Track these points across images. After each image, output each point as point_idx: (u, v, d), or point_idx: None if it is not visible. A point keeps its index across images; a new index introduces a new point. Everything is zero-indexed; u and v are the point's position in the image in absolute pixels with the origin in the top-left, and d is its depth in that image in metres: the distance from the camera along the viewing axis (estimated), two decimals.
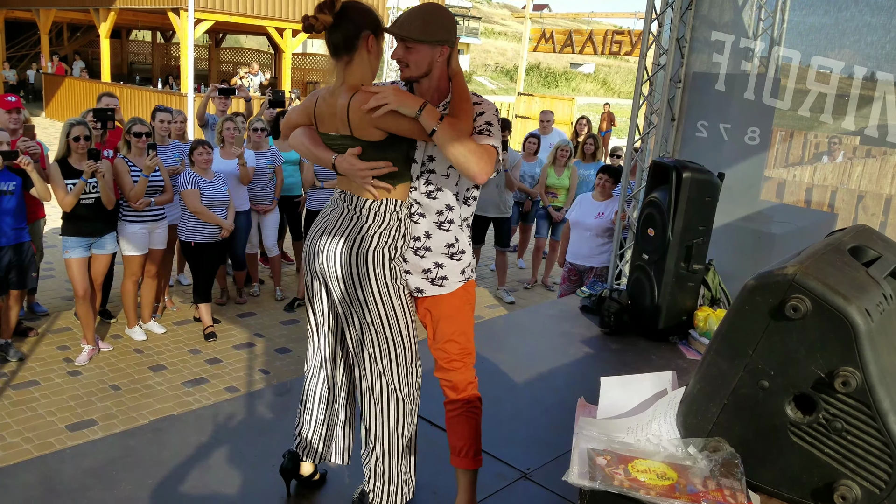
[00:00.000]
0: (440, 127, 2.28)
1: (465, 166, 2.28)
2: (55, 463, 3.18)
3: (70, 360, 5.46)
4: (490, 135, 2.40)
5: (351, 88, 2.40)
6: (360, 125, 2.38)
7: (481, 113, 2.45)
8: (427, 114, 2.31)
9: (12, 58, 24.57)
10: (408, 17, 2.42)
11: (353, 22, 2.38)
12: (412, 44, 2.39)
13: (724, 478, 1.54)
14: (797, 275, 1.47)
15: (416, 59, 2.40)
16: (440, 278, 2.59)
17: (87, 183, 5.23)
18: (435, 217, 2.54)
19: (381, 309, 2.50)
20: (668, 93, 6.04)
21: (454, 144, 2.27)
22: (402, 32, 2.39)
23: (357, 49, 2.40)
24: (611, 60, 47.21)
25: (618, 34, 20.45)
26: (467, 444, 2.69)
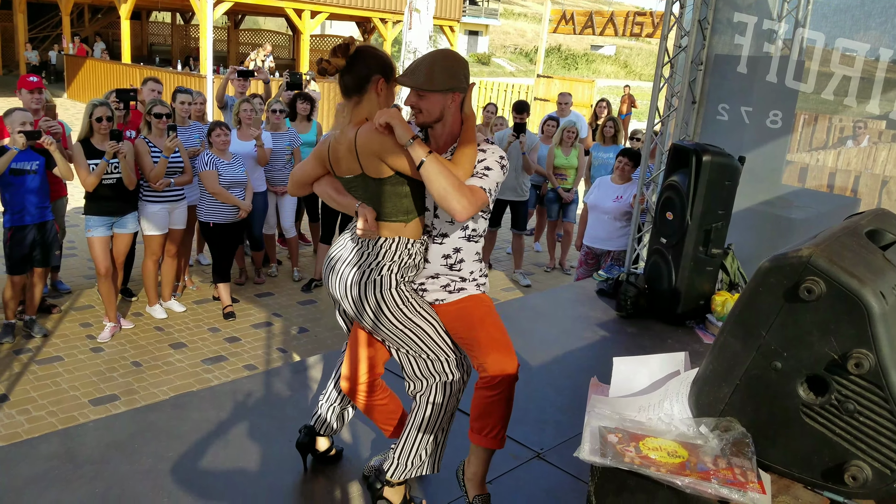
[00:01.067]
0: (428, 160, 2.33)
1: (444, 201, 2.33)
2: (78, 435, 3.25)
3: (92, 337, 5.55)
4: (483, 177, 2.46)
5: (358, 124, 2.48)
6: (367, 160, 2.45)
7: (483, 159, 2.51)
8: (418, 145, 2.36)
9: (34, 39, 24.75)
10: (418, 67, 2.48)
11: (364, 65, 2.47)
12: (423, 92, 2.45)
13: (734, 457, 1.56)
14: (812, 257, 1.47)
15: (428, 107, 2.48)
16: (458, 289, 2.68)
17: (109, 163, 5.29)
18: (442, 261, 2.62)
19: (399, 326, 2.58)
20: (690, 75, 5.99)
21: (438, 178, 2.32)
22: (412, 83, 2.45)
23: (367, 91, 2.49)
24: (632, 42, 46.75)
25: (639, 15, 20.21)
26: (497, 426, 2.69)
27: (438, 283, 2.66)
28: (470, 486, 2.79)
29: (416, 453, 2.69)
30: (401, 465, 2.70)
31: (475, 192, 2.38)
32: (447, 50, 2.60)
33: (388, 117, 2.38)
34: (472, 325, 2.65)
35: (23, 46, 22.04)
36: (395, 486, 2.75)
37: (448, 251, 2.62)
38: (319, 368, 4.06)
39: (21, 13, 21.84)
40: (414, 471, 2.71)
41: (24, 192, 5.14)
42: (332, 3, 18.92)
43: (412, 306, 2.58)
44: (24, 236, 5.18)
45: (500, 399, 2.65)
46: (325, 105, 15.71)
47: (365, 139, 2.43)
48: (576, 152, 7.89)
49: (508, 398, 2.68)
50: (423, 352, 2.61)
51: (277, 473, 3.02)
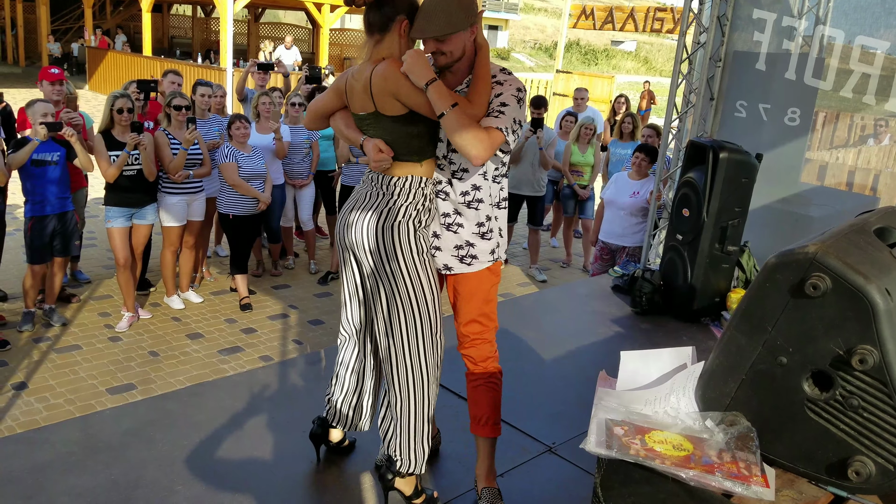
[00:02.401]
0: (449, 113, 2.33)
1: (462, 149, 2.34)
2: (96, 422, 3.31)
3: (111, 327, 5.63)
4: (499, 116, 2.43)
5: (376, 62, 2.48)
6: (381, 98, 2.45)
7: (499, 94, 2.49)
8: (436, 92, 2.35)
9: (57, 31, 25.01)
10: (431, 12, 2.45)
11: (391, 4, 2.46)
12: (444, 36, 2.44)
13: (739, 451, 1.57)
14: (818, 253, 1.47)
15: (451, 48, 2.47)
16: (469, 257, 2.66)
17: (130, 155, 5.36)
18: (460, 198, 2.60)
19: (407, 281, 2.56)
20: (708, 72, 5.97)
21: (457, 130, 2.32)
22: (433, 34, 2.43)
23: (390, 30, 2.48)
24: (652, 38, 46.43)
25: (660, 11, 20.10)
26: (487, 413, 2.78)
27: (452, 240, 2.63)
28: (478, 479, 2.82)
29: (419, 443, 2.71)
30: (405, 457, 2.72)
31: (491, 135, 2.36)
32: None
33: (407, 66, 2.38)
34: (466, 308, 2.69)
35: (45, 38, 22.27)
36: (407, 477, 2.77)
37: (466, 188, 2.60)
38: (334, 360, 4.09)
39: (44, 5, 22.06)
40: (422, 461, 2.73)
41: (46, 182, 5.21)
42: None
43: (425, 262, 2.58)
44: (44, 226, 5.26)
45: (482, 386, 2.74)
46: None
47: (381, 78, 2.42)
48: (592, 149, 7.88)
49: (490, 385, 2.74)
50: (413, 310, 2.58)
51: (291, 463, 3.06)
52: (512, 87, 2.51)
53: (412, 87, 2.40)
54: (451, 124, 2.33)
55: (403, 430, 2.69)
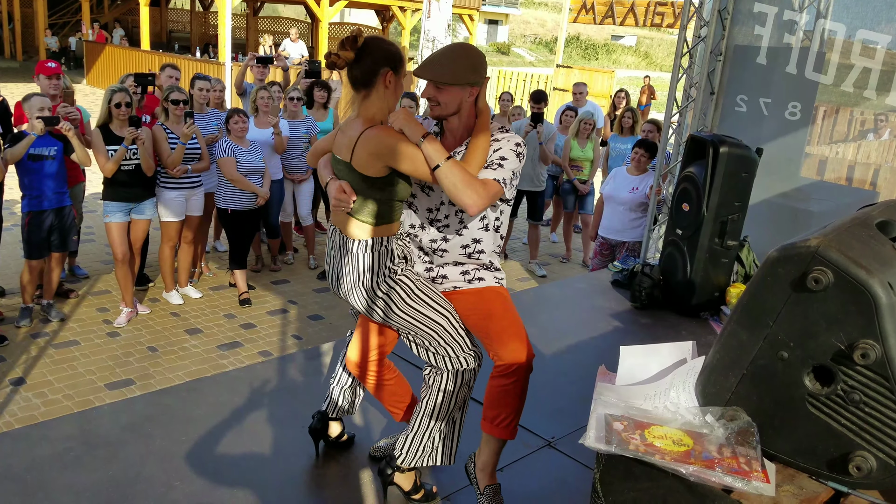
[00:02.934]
0: (444, 164, 2.34)
1: (458, 199, 2.34)
2: (94, 418, 3.30)
3: (109, 322, 5.62)
4: (497, 169, 2.45)
5: (365, 122, 2.48)
6: (362, 159, 2.45)
7: (498, 149, 2.50)
8: (431, 146, 2.36)
9: (54, 25, 24.92)
10: (438, 59, 2.48)
11: (372, 58, 2.45)
12: (442, 85, 2.45)
13: (739, 446, 1.56)
14: (820, 247, 1.46)
15: (446, 100, 2.47)
16: (477, 279, 2.70)
17: (128, 149, 5.34)
18: (461, 250, 2.64)
19: (410, 320, 2.60)
20: (709, 66, 5.95)
21: (453, 180, 2.33)
22: (432, 76, 2.45)
23: (375, 85, 2.47)
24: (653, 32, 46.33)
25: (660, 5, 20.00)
26: (511, 416, 2.71)
27: (458, 270, 2.68)
28: (480, 476, 2.80)
29: (427, 440, 2.70)
30: (410, 451, 2.71)
31: (487, 185, 2.39)
32: (466, 44, 2.59)
33: (399, 122, 2.41)
34: (488, 314, 2.66)
35: (42, 33, 22.19)
36: (406, 473, 2.77)
37: (467, 241, 2.63)
38: (333, 355, 4.09)
39: None
40: (424, 458, 2.72)
41: (43, 177, 5.19)
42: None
43: (419, 298, 2.58)
44: (42, 221, 5.24)
45: (514, 388, 2.67)
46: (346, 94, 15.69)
47: (375, 142, 2.42)
48: (591, 144, 7.86)
49: (523, 388, 2.69)
50: (435, 342, 2.62)
51: (290, 458, 3.06)
52: (510, 142, 2.53)
53: (410, 153, 2.39)
54: (446, 175, 2.33)
55: (420, 422, 2.69)
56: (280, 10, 33.39)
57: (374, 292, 2.56)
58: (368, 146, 2.42)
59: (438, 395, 2.66)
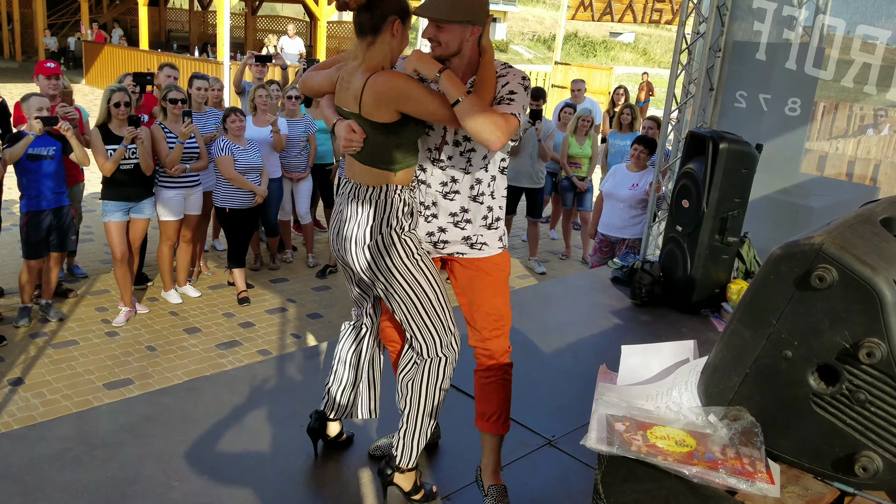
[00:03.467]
0: (464, 100, 2.30)
1: (480, 135, 2.30)
2: (92, 418, 3.28)
3: (108, 321, 5.60)
4: (511, 103, 2.41)
5: (369, 69, 2.44)
6: (371, 105, 2.42)
7: (505, 84, 2.46)
8: (449, 81, 2.33)
9: (53, 25, 24.87)
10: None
11: (383, 5, 2.42)
12: (443, 24, 2.41)
13: (743, 446, 1.54)
14: (824, 244, 1.44)
15: (447, 39, 2.43)
16: (480, 244, 2.65)
17: (127, 149, 5.32)
18: (468, 192, 2.59)
19: (406, 289, 2.56)
20: (707, 62, 5.93)
21: (473, 115, 2.29)
22: (431, 14, 2.41)
23: (382, 32, 2.44)
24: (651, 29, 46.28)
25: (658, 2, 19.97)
26: (497, 411, 2.74)
27: (461, 233, 2.62)
28: (484, 477, 2.80)
29: (423, 437, 2.70)
30: (406, 451, 2.70)
31: (507, 120, 2.34)
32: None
33: (413, 62, 2.39)
34: (479, 296, 2.66)
35: (42, 33, 22.14)
36: (406, 473, 2.76)
37: (473, 182, 2.58)
38: (332, 354, 4.07)
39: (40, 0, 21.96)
40: (414, 453, 2.73)
41: (41, 177, 5.18)
42: None
43: (417, 263, 2.55)
44: (40, 221, 5.22)
45: (495, 382, 2.70)
46: None
47: (386, 87, 2.39)
48: (590, 141, 7.84)
49: (504, 381, 2.71)
50: (420, 317, 2.58)
51: (288, 458, 3.04)
52: (517, 76, 2.50)
53: (421, 95, 2.37)
54: (466, 111, 2.29)
55: (411, 423, 2.67)
56: (278, 9, 33.32)
57: (376, 244, 2.51)
58: (377, 92, 2.39)
59: (423, 392, 2.65)
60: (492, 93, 2.43)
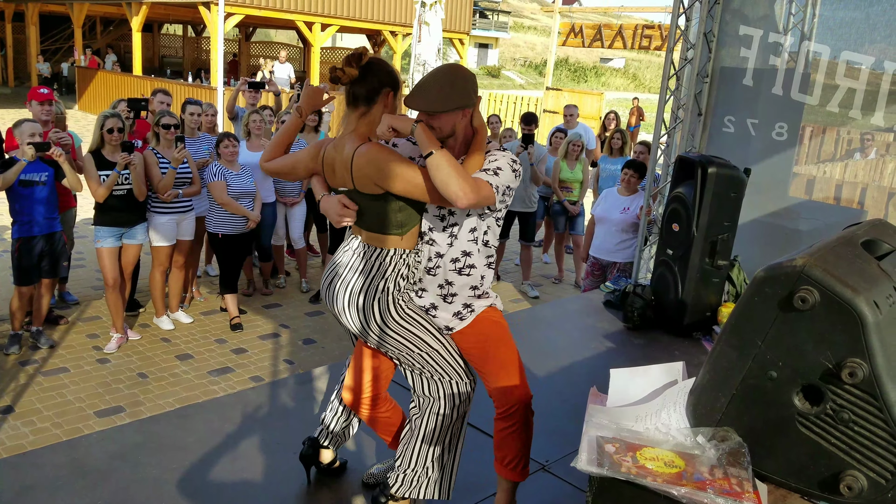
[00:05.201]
0: (438, 152, 2.30)
1: (446, 188, 2.27)
2: (83, 446, 3.26)
3: (99, 348, 5.58)
4: (492, 175, 2.41)
5: (360, 137, 2.49)
6: (361, 179, 2.46)
7: (494, 159, 2.48)
8: (424, 134, 2.34)
9: (46, 51, 25.01)
10: (427, 87, 2.44)
11: (376, 77, 2.48)
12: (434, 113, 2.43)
13: (731, 467, 1.56)
14: (806, 266, 1.47)
15: (440, 125, 2.45)
16: (469, 312, 2.64)
17: (120, 175, 5.34)
18: (451, 265, 2.57)
19: (404, 343, 2.58)
20: (696, 87, 6.01)
21: (443, 168, 2.28)
22: (423, 107, 2.42)
23: (376, 102, 2.49)
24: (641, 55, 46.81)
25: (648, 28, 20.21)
26: (517, 458, 2.70)
27: (450, 310, 2.61)
28: None
29: (421, 468, 2.68)
30: (405, 480, 2.69)
31: (479, 183, 2.33)
32: (455, 66, 2.58)
33: (388, 120, 2.41)
34: (484, 353, 2.64)
35: (34, 58, 22.25)
36: (400, 502, 2.74)
37: (457, 254, 2.55)
38: (325, 380, 4.07)
39: (33, 25, 22.07)
40: (419, 489, 2.69)
41: (33, 202, 5.18)
42: (343, 15, 19.05)
43: (417, 322, 2.57)
44: (32, 247, 5.22)
45: (515, 431, 2.66)
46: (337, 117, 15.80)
47: (365, 160, 2.42)
48: (581, 166, 7.90)
49: (524, 429, 2.67)
50: (431, 368, 2.60)
51: (281, 485, 3.03)
52: (507, 157, 2.50)
53: (392, 170, 2.39)
54: (438, 163, 2.28)
55: (408, 452, 2.66)
56: (272, 35, 33.59)
57: (371, 308, 2.52)
58: (360, 166, 2.43)
59: (430, 419, 2.65)
60: (478, 166, 2.45)
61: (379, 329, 2.55)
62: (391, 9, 20.08)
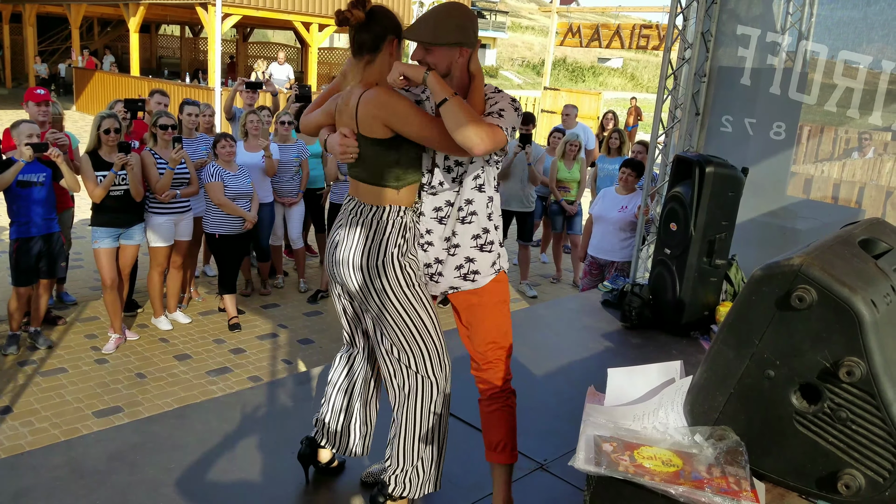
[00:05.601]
0: (451, 99, 2.28)
1: (462, 134, 2.26)
2: (81, 447, 3.26)
3: (97, 349, 5.58)
4: (499, 117, 2.41)
5: (366, 85, 2.46)
6: (366, 122, 2.44)
7: (495, 102, 2.47)
8: (437, 81, 2.31)
9: (44, 52, 24.98)
10: (423, 20, 2.44)
11: (381, 24, 2.46)
12: (430, 46, 2.42)
13: (728, 465, 1.56)
14: (803, 265, 1.47)
15: (435, 61, 2.42)
16: (472, 273, 2.60)
17: (117, 175, 5.34)
18: (457, 213, 2.55)
19: (401, 311, 2.54)
20: (693, 87, 6.01)
21: (458, 116, 2.27)
22: (417, 37, 2.41)
23: (380, 50, 2.47)
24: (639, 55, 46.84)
25: (645, 28, 20.25)
26: (503, 439, 2.70)
27: (452, 263, 2.58)
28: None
29: (412, 467, 2.67)
30: (399, 481, 2.68)
31: (493, 129, 2.32)
32: (456, 3, 2.53)
33: (399, 67, 2.37)
34: (475, 324, 2.64)
35: (32, 59, 22.23)
36: (398, 501, 2.74)
37: (461, 203, 2.54)
38: (324, 380, 4.06)
39: (31, 26, 22.04)
40: (415, 489, 2.69)
41: (31, 203, 5.18)
42: None
43: (416, 292, 2.54)
44: (30, 248, 5.22)
45: (499, 411, 2.66)
46: None
47: (374, 104, 2.40)
48: (578, 166, 7.91)
49: (507, 410, 2.68)
50: (417, 345, 2.56)
51: (280, 485, 3.02)
52: (506, 98, 2.50)
53: (406, 112, 2.38)
54: (452, 111, 2.27)
55: (402, 450, 2.66)
56: (270, 36, 33.56)
57: (374, 267, 2.49)
58: (369, 107, 2.41)
59: (412, 415, 2.62)
60: (481, 109, 2.43)
61: (381, 290, 2.51)
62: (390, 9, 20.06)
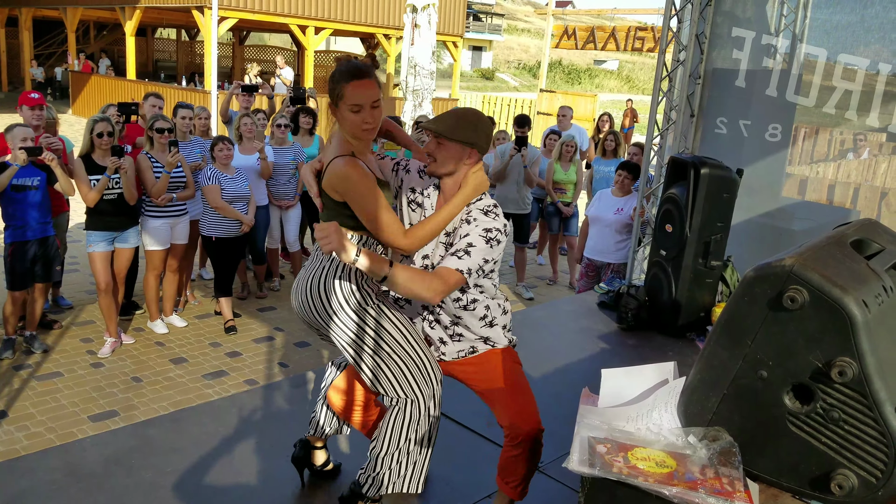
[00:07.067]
0: (391, 272, 2.27)
1: (414, 294, 2.33)
2: (77, 451, 3.26)
3: (93, 353, 5.56)
4: (462, 258, 2.37)
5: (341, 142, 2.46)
6: (328, 183, 2.46)
7: (466, 234, 2.42)
8: (368, 260, 2.23)
9: (40, 55, 24.95)
10: (444, 115, 2.47)
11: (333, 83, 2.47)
12: (443, 140, 2.42)
13: (722, 466, 1.56)
14: (795, 266, 1.48)
15: (443, 157, 2.44)
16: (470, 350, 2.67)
17: (111, 179, 5.33)
18: (454, 304, 2.58)
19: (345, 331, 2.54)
20: (688, 89, 6.02)
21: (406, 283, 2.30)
22: (435, 128, 2.41)
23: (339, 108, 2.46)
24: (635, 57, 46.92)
25: (641, 30, 20.28)
26: (519, 481, 2.69)
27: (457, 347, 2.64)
28: None
29: (385, 470, 2.67)
30: (375, 481, 2.68)
31: (443, 278, 2.32)
32: (476, 110, 2.58)
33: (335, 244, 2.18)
34: (491, 380, 2.64)
35: (28, 63, 22.20)
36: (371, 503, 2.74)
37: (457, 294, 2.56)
38: (320, 383, 4.06)
39: (27, 30, 22.02)
40: (390, 486, 2.68)
41: (26, 207, 5.17)
42: (336, 19, 19.04)
43: (377, 307, 2.52)
44: (25, 252, 5.21)
45: (521, 457, 2.64)
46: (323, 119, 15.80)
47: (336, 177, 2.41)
48: (574, 167, 7.92)
49: (531, 455, 2.66)
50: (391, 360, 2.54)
51: (276, 488, 3.02)
52: (480, 227, 2.42)
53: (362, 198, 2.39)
54: (396, 279, 2.27)
55: (378, 451, 2.65)
56: (266, 39, 33.58)
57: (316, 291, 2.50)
58: (331, 177, 2.43)
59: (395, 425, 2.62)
60: (443, 221, 2.44)
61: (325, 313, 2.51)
62: (385, 12, 20.06)
